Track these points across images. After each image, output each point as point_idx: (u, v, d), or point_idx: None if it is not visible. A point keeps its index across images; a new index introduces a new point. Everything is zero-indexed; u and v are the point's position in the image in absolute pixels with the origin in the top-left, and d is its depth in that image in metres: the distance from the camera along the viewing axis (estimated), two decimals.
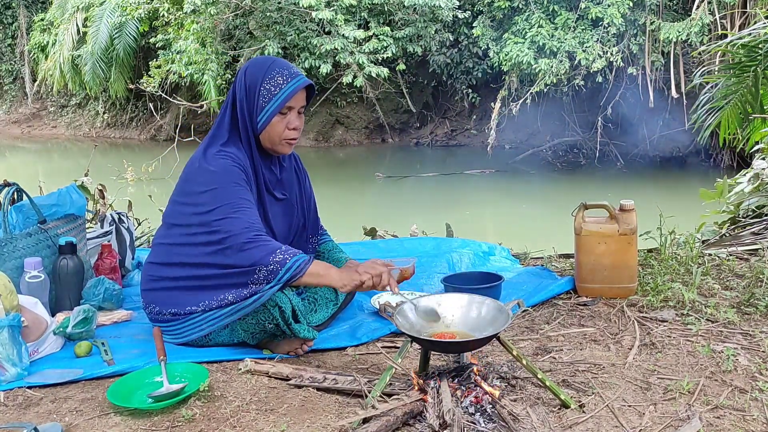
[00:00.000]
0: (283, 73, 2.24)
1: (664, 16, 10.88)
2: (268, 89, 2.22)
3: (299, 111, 2.29)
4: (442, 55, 13.16)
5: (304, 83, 2.25)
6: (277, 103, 2.22)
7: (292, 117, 2.27)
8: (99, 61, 15.05)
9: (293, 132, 2.28)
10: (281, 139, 2.27)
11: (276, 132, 2.26)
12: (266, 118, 2.23)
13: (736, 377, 1.96)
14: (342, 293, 2.56)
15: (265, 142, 2.29)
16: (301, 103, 2.28)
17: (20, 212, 2.62)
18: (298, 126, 2.29)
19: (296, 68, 2.30)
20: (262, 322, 2.14)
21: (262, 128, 2.25)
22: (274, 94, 2.22)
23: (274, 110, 2.23)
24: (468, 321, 1.93)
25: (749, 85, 3.45)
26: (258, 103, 2.24)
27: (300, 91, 2.25)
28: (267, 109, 2.23)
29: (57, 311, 2.50)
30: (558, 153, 12.98)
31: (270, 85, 2.23)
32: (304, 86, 2.25)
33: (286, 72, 2.24)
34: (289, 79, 2.23)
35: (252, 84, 2.24)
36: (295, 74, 2.26)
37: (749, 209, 3.81)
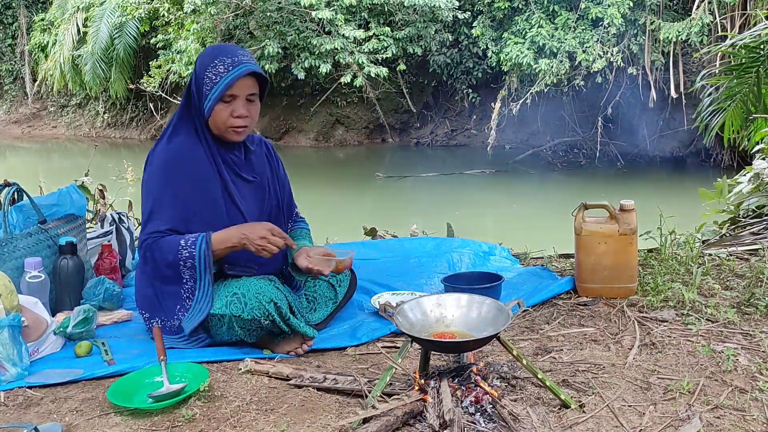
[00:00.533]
0: (225, 61, 2.23)
1: (664, 16, 10.88)
2: (210, 77, 2.23)
3: (249, 99, 2.27)
4: (442, 55, 13.16)
5: (245, 71, 2.22)
6: (218, 91, 2.21)
7: (237, 105, 2.25)
8: (99, 61, 15.05)
9: (238, 120, 2.27)
10: (226, 127, 2.27)
11: (220, 119, 2.26)
12: (210, 105, 2.24)
13: (736, 377, 1.96)
14: (341, 292, 2.56)
15: (213, 130, 2.30)
16: (247, 90, 2.26)
17: (20, 212, 2.62)
18: (244, 114, 2.26)
19: (246, 56, 2.28)
20: (258, 319, 2.14)
21: (208, 115, 2.26)
22: (215, 82, 2.22)
23: (215, 98, 2.22)
24: (468, 321, 1.93)
25: (751, 86, 3.46)
26: (203, 90, 2.25)
27: (245, 78, 2.24)
28: (209, 97, 2.24)
29: (57, 311, 2.50)
30: (558, 153, 12.97)
31: (212, 73, 2.23)
32: (244, 74, 2.22)
33: (228, 60, 2.23)
34: (230, 67, 2.22)
35: (199, 72, 2.27)
36: (238, 62, 2.23)
37: (749, 209, 3.81)
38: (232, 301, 2.15)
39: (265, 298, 2.14)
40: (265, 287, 2.17)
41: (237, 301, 2.15)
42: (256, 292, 2.15)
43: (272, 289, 2.17)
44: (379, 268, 3.14)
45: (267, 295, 2.14)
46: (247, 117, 2.28)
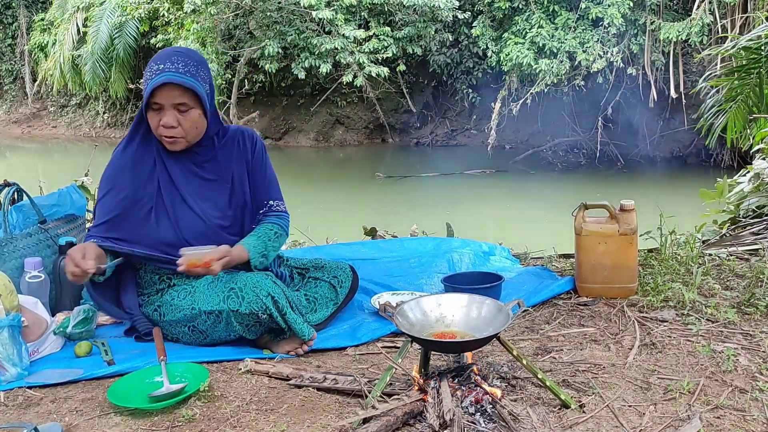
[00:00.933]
0: (152, 68, 2.18)
1: (664, 15, 10.88)
2: (143, 83, 2.24)
3: (180, 109, 2.19)
4: (442, 55, 13.16)
5: (160, 81, 2.13)
6: (144, 99, 2.19)
7: (164, 114, 2.19)
8: (99, 61, 15.05)
9: (166, 130, 2.20)
10: (158, 135, 2.24)
11: (153, 126, 2.23)
12: (143, 110, 2.22)
13: (737, 377, 1.96)
14: (342, 292, 2.55)
15: None
16: (172, 100, 2.17)
17: (20, 212, 2.62)
18: (169, 124, 2.18)
19: (175, 63, 2.17)
20: (255, 312, 2.13)
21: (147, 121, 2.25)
22: (144, 88, 2.21)
23: (144, 105, 2.20)
24: (468, 321, 1.93)
25: (753, 87, 3.47)
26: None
27: (170, 88, 2.15)
28: (143, 103, 2.22)
29: (57, 311, 2.50)
30: (558, 153, 12.97)
31: (144, 78, 2.22)
32: (159, 84, 2.13)
33: (154, 67, 2.17)
34: (153, 75, 2.16)
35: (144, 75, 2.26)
36: (160, 71, 2.15)
37: (749, 209, 3.81)
38: (230, 295, 2.15)
39: (262, 291, 2.13)
40: (262, 281, 2.16)
41: (234, 295, 2.15)
42: (253, 286, 2.14)
43: (270, 283, 2.17)
44: (379, 268, 3.14)
45: (264, 288, 2.14)
46: (174, 128, 2.20)
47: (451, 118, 15.13)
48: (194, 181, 2.34)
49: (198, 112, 2.23)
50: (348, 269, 2.62)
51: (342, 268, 2.62)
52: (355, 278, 2.63)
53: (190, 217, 2.30)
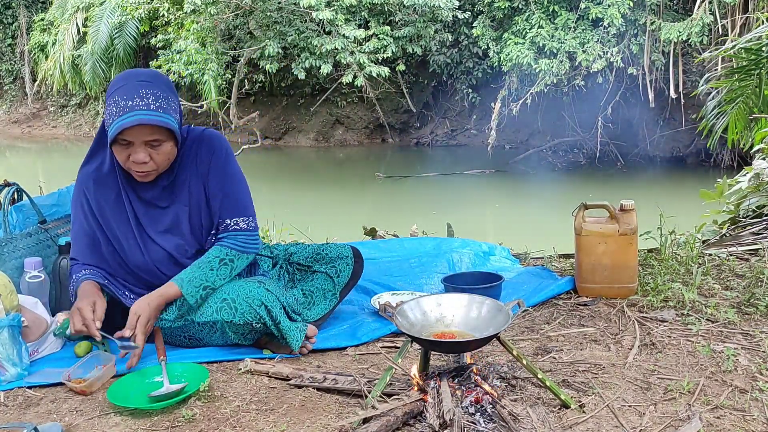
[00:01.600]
0: (119, 104, 2.02)
1: (664, 15, 10.88)
2: (108, 113, 2.05)
3: (151, 144, 2.06)
4: (442, 55, 13.16)
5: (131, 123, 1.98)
6: (110, 135, 2.04)
7: (134, 150, 2.05)
8: (99, 61, 15.06)
9: (137, 165, 2.07)
10: (126, 168, 2.13)
11: (120, 159, 2.11)
12: (109, 143, 2.08)
13: (737, 377, 1.96)
14: (339, 282, 2.49)
15: None
16: (143, 138, 2.03)
17: (20, 212, 2.62)
18: (141, 160, 2.05)
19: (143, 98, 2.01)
20: (249, 323, 2.12)
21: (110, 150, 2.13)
22: (108, 124, 2.05)
23: (109, 139, 2.05)
24: (468, 321, 1.93)
25: (753, 88, 3.47)
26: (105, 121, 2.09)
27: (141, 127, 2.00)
28: (109, 134, 2.06)
29: (57, 311, 2.50)
30: (558, 153, 12.98)
31: (109, 110, 2.05)
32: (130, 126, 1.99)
33: (122, 103, 2.01)
34: (121, 112, 2.01)
35: (106, 99, 2.10)
36: (129, 109, 1.99)
37: (749, 209, 3.81)
38: (222, 307, 2.13)
39: (255, 301, 2.11)
40: (255, 290, 2.14)
41: (227, 306, 2.13)
42: (246, 296, 2.12)
43: (263, 292, 2.14)
44: (379, 268, 3.13)
45: (257, 298, 2.11)
46: (146, 163, 2.07)
47: (451, 118, 15.14)
48: (154, 212, 2.24)
49: (170, 144, 2.11)
50: (349, 258, 2.51)
51: (343, 257, 2.51)
52: (358, 263, 2.52)
53: (155, 249, 2.24)
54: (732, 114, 3.59)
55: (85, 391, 1.92)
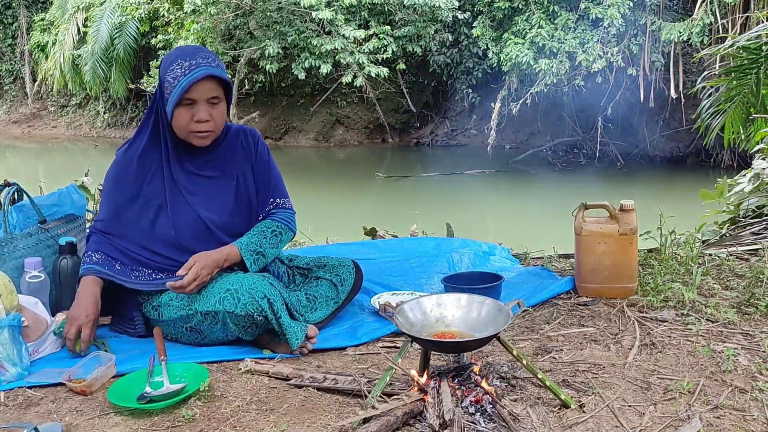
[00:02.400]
0: (182, 64, 2.18)
1: (664, 16, 10.88)
2: (169, 81, 2.19)
3: (211, 102, 2.22)
4: (442, 55, 13.17)
5: (201, 75, 2.16)
6: (176, 95, 2.17)
7: (198, 109, 2.20)
8: (99, 61, 15.06)
9: (200, 125, 2.21)
10: (188, 132, 2.23)
11: (182, 124, 2.22)
12: (170, 109, 2.21)
13: (736, 377, 1.96)
14: (342, 291, 2.54)
15: (178, 134, 2.27)
16: (206, 94, 2.20)
17: (20, 212, 2.62)
18: (204, 118, 2.21)
19: (206, 58, 2.21)
20: (251, 314, 2.13)
21: (170, 119, 2.23)
22: (173, 86, 2.18)
23: (174, 102, 2.19)
24: (468, 321, 1.93)
25: (751, 87, 3.47)
26: (164, 95, 2.22)
27: (204, 81, 2.18)
28: (169, 101, 2.20)
29: (57, 311, 2.50)
30: (558, 153, 12.98)
31: (170, 76, 2.19)
32: (201, 78, 2.16)
33: (186, 63, 2.18)
34: (187, 71, 2.17)
35: (161, 75, 2.24)
36: (196, 65, 2.17)
37: (749, 209, 3.81)
38: (225, 297, 2.14)
39: (258, 293, 2.12)
40: (259, 283, 2.16)
41: (230, 296, 2.14)
42: (249, 288, 2.14)
43: (266, 285, 2.16)
44: (379, 268, 3.13)
45: (260, 290, 2.13)
46: (208, 122, 2.22)
47: (451, 118, 15.14)
48: (198, 180, 2.35)
49: (224, 105, 2.28)
50: (351, 267, 2.59)
51: (345, 266, 2.59)
52: (358, 276, 2.60)
53: (191, 219, 2.31)
54: (729, 113, 3.58)
55: (85, 391, 1.93)
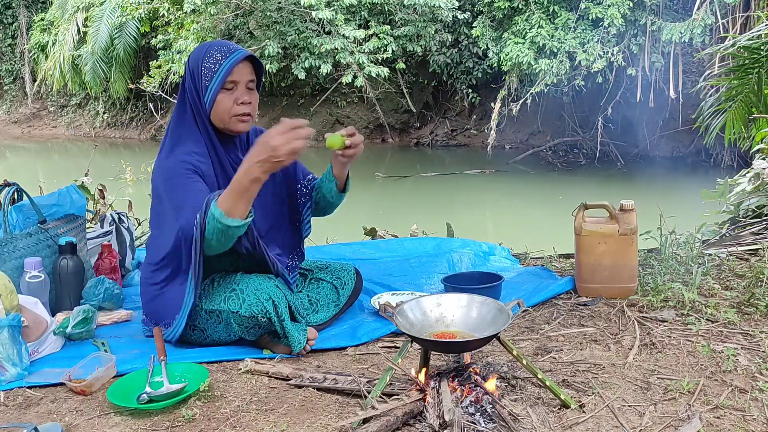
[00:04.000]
0: (221, 49, 2.23)
1: (664, 16, 10.88)
2: (208, 67, 2.21)
3: (248, 87, 2.26)
4: (442, 55, 13.16)
5: (243, 55, 2.22)
6: (219, 78, 2.20)
7: (240, 92, 2.23)
8: (99, 61, 15.07)
9: (243, 107, 2.24)
10: (231, 116, 2.24)
11: (224, 109, 2.22)
12: (212, 96, 2.21)
13: (736, 377, 1.96)
14: (344, 294, 2.55)
15: (217, 123, 2.26)
16: (246, 77, 2.25)
17: (20, 212, 2.62)
18: (248, 101, 2.24)
19: (236, 45, 2.29)
20: (255, 316, 2.13)
21: (210, 108, 2.22)
22: (214, 71, 2.20)
23: (217, 86, 2.20)
24: (468, 321, 1.93)
25: (752, 86, 3.47)
26: (202, 83, 2.22)
27: (243, 64, 2.22)
28: (210, 87, 2.21)
29: (57, 311, 2.50)
30: (558, 153, 12.98)
31: (209, 63, 2.21)
32: (243, 58, 2.22)
33: (224, 48, 2.23)
34: (227, 53, 2.21)
35: (194, 67, 2.24)
36: (234, 49, 2.24)
37: (749, 209, 3.81)
38: (230, 296, 2.15)
39: (263, 295, 2.13)
40: (264, 284, 2.16)
41: (235, 297, 2.14)
42: (255, 289, 2.14)
43: (272, 287, 2.16)
44: (379, 268, 3.14)
45: (266, 292, 2.14)
46: (250, 104, 2.26)
47: (451, 118, 15.14)
48: None
49: (257, 92, 2.32)
50: (352, 271, 2.62)
51: (346, 269, 2.62)
52: (358, 281, 2.63)
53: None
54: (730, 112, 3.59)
55: (85, 391, 1.93)
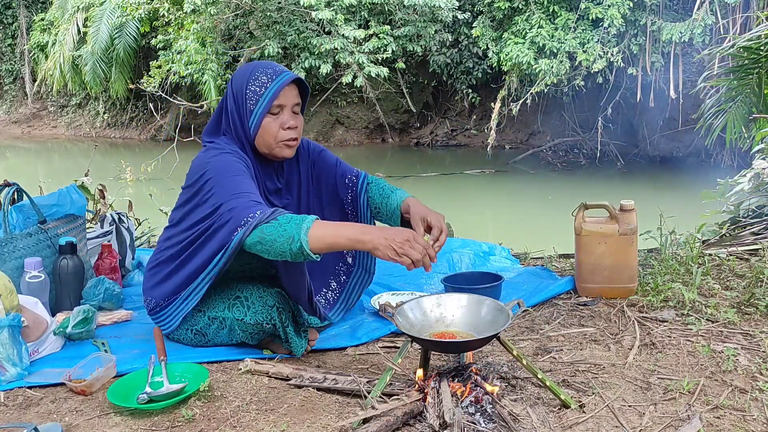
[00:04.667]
0: (267, 72, 2.16)
1: (664, 16, 10.88)
2: (254, 90, 2.14)
3: (294, 110, 2.20)
4: (442, 55, 13.16)
5: (290, 78, 2.16)
6: (265, 103, 2.13)
7: (286, 116, 2.17)
8: (99, 61, 15.06)
9: (289, 132, 2.17)
10: (277, 141, 2.17)
11: (270, 134, 2.16)
12: (257, 120, 2.14)
13: (737, 377, 1.96)
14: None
15: (261, 148, 2.19)
16: (293, 100, 2.19)
17: (20, 212, 2.62)
18: (294, 125, 2.18)
19: (282, 67, 2.20)
20: (260, 323, 2.12)
21: (255, 132, 2.15)
22: (260, 94, 2.13)
23: (263, 110, 2.13)
24: (468, 321, 1.93)
25: (753, 86, 3.47)
26: (246, 107, 2.15)
27: (289, 87, 2.16)
28: (255, 112, 2.13)
29: (57, 311, 2.50)
30: (558, 153, 12.98)
31: (255, 86, 2.14)
32: (290, 81, 2.15)
33: (270, 70, 2.16)
34: (274, 76, 2.15)
35: (238, 89, 2.16)
36: (281, 71, 2.17)
37: (749, 209, 3.81)
38: (235, 304, 2.14)
39: (269, 302, 2.12)
40: (269, 292, 2.14)
41: (240, 304, 2.13)
42: (259, 296, 2.13)
43: (276, 294, 2.15)
44: (379, 268, 3.13)
45: (271, 299, 2.12)
46: (297, 128, 2.19)
47: (451, 118, 15.14)
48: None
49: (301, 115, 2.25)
50: None
51: None
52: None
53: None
54: (731, 112, 3.59)
55: (85, 391, 1.93)
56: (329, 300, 2.43)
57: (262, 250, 1.91)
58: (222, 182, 2.02)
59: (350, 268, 2.44)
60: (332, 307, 2.40)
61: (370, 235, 1.85)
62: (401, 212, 2.31)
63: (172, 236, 2.22)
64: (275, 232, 1.88)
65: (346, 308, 2.42)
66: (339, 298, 2.44)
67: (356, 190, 2.44)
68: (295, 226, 1.86)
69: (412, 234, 1.87)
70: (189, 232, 2.12)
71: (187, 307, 2.15)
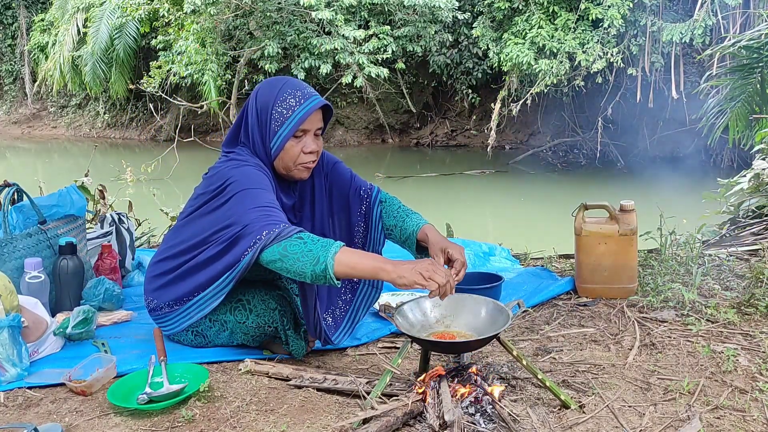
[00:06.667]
0: (295, 94, 2.09)
1: (664, 16, 10.88)
2: (280, 112, 2.08)
3: (316, 134, 2.14)
4: (442, 56, 13.16)
5: (319, 104, 2.10)
6: (290, 127, 2.07)
7: (308, 140, 2.11)
8: (99, 61, 15.06)
9: (309, 156, 2.13)
10: (296, 164, 2.13)
11: (290, 157, 2.11)
12: (280, 142, 2.08)
13: (736, 377, 1.96)
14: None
15: (279, 168, 2.15)
16: (317, 125, 2.13)
17: (20, 213, 2.62)
18: (315, 150, 2.13)
19: (311, 89, 2.15)
20: (262, 326, 2.13)
21: (276, 154, 2.10)
22: (286, 117, 2.08)
23: (287, 134, 2.08)
24: (468, 321, 1.93)
25: (755, 86, 3.47)
26: (270, 127, 2.09)
27: (315, 112, 2.10)
28: (280, 134, 2.08)
29: (57, 311, 2.50)
30: (558, 153, 12.98)
31: (282, 108, 2.08)
32: (318, 107, 2.10)
33: (299, 93, 2.09)
34: (302, 100, 2.08)
35: (263, 107, 2.10)
36: (309, 95, 2.10)
37: (749, 209, 3.81)
38: (237, 307, 2.14)
39: (271, 305, 2.12)
40: (270, 295, 2.15)
41: (242, 307, 2.13)
42: (261, 299, 2.13)
43: (277, 298, 2.15)
44: None
45: (272, 302, 2.12)
46: (316, 152, 2.15)
47: (451, 119, 15.14)
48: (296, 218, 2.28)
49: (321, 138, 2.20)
50: None
51: None
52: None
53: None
54: (733, 112, 3.59)
55: (85, 391, 1.93)
56: (336, 318, 2.41)
57: (281, 267, 1.88)
58: (246, 193, 2.00)
59: (355, 285, 2.43)
60: (338, 326, 2.38)
61: (393, 264, 1.82)
62: (417, 239, 2.25)
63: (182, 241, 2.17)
64: (299, 250, 1.86)
65: (352, 325, 2.40)
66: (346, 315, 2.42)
67: (370, 203, 2.40)
68: (322, 248, 1.84)
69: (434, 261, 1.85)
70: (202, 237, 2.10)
71: (194, 316, 2.14)
